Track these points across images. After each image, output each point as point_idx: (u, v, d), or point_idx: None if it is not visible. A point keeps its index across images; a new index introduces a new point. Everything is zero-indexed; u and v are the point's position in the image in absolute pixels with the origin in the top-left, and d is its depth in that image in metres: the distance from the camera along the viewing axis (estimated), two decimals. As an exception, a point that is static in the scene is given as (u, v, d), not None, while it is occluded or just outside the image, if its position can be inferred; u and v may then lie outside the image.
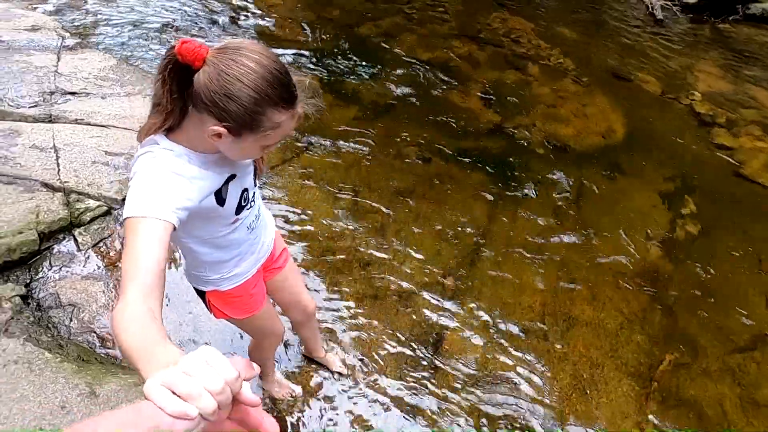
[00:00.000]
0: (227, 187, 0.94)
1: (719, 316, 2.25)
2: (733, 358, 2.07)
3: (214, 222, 0.98)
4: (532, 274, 2.31)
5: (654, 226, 2.69)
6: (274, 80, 0.77)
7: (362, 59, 3.85)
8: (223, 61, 0.75)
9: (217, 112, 0.77)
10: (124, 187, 2.36)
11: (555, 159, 3.11)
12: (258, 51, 0.78)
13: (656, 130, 3.49)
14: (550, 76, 3.97)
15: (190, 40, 0.76)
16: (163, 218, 0.74)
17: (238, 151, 0.85)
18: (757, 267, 2.52)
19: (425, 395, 1.79)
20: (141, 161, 0.82)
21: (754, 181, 3.12)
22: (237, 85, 0.75)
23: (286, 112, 0.80)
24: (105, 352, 1.71)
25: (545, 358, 1.97)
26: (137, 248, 0.70)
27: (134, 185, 0.78)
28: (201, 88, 0.76)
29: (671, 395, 1.91)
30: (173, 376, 0.45)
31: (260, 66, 0.76)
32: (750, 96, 4.01)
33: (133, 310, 0.62)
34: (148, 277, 0.66)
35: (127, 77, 3.22)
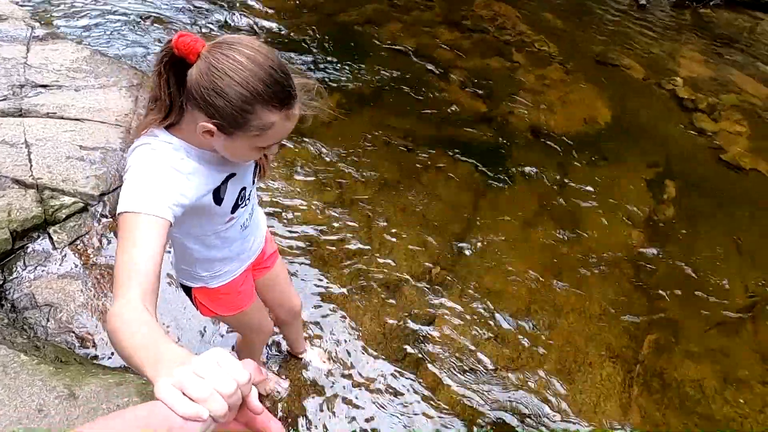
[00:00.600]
0: (226, 185, 0.91)
1: (700, 299, 2.30)
2: (713, 340, 2.12)
3: (209, 219, 0.95)
4: (517, 262, 2.32)
5: (637, 212, 2.72)
6: (267, 77, 0.73)
7: (345, 47, 3.79)
8: (214, 56, 0.73)
9: (206, 108, 0.74)
10: (100, 182, 2.30)
11: (540, 146, 3.11)
12: (253, 47, 0.74)
13: (639, 116, 3.51)
14: (535, 63, 3.96)
15: (187, 33, 0.74)
16: (159, 215, 0.71)
17: (232, 151, 0.82)
18: (736, 250, 2.58)
19: (413, 384, 1.79)
20: (138, 153, 0.79)
21: (734, 165, 3.17)
22: (225, 80, 0.72)
23: (278, 112, 0.76)
24: (84, 353, 1.67)
25: (531, 345, 1.99)
26: (134, 246, 0.67)
27: (130, 178, 0.75)
28: (192, 83, 0.74)
29: (654, 377, 1.95)
30: (184, 377, 0.44)
31: (252, 62, 0.73)
32: (730, 80, 4.06)
33: (133, 312, 0.59)
34: (145, 278, 0.65)
35: (101, 69, 3.11)
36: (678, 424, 1.81)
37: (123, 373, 1.56)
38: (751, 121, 3.57)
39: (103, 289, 1.90)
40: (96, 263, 1.98)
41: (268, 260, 1.28)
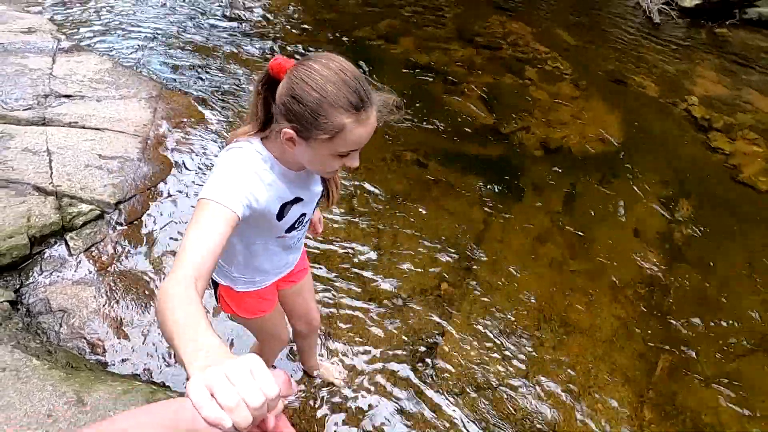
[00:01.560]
0: (291, 206, 0.98)
1: (715, 322, 2.24)
2: (728, 365, 2.06)
3: (265, 230, 1.01)
4: (527, 279, 2.30)
5: (650, 232, 2.68)
6: (339, 82, 0.79)
7: (359, 62, 3.85)
8: (296, 68, 0.81)
9: (287, 114, 0.82)
10: (117, 191, 2.35)
11: (552, 163, 3.10)
12: (330, 57, 0.81)
13: (653, 135, 3.48)
14: (547, 80, 3.97)
15: (281, 56, 0.83)
16: (232, 208, 0.77)
17: (312, 157, 0.86)
18: (753, 273, 2.51)
19: (420, 401, 1.77)
20: (230, 152, 0.87)
21: (750, 185, 3.12)
22: (301, 85, 0.79)
23: (348, 114, 0.80)
24: (95, 359, 1.69)
25: (540, 365, 1.95)
26: (202, 228, 0.73)
27: (217, 171, 0.83)
28: (278, 96, 0.83)
29: (666, 401, 1.90)
30: (216, 380, 0.44)
31: (327, 68, 0.79)
32: (746, 100, 4.01)
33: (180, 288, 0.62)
34: (204, 260, 0.68)
35: (122, 80, 3.21)
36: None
37: (131, 380, 1.58)
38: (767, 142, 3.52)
39: (115, 296, 1.92)
40: (109, 270, 2.01)
41: (296, 275, 1.31)
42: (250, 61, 3.65)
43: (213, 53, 3.69)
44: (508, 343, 2.01)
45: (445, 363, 1.90)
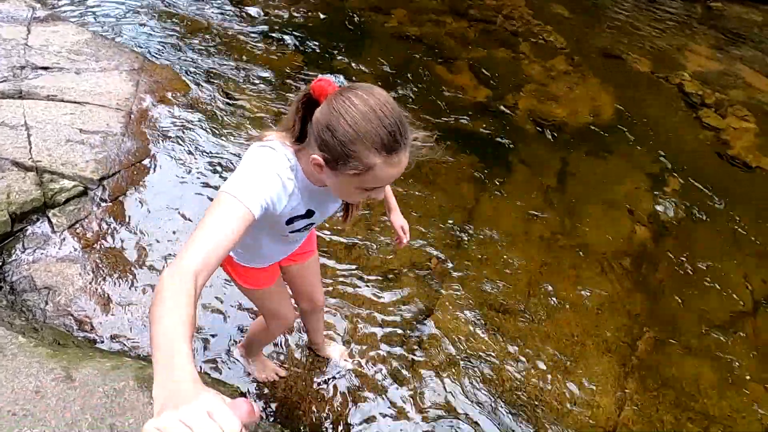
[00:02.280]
0: (302, 219, 1.01)
1: (699, 295, 2.29)
2: (712, 338, 2.11)
3: (270, 226, 1.02)
4: (517, 254, 2.31)
5: (639, 207, 2.70)
6: (377, 122, 0.78)
7: (349, 34, 3.74)
8: (336, 97, 0.81)
9: (319, 142, 0.82)
10: (100, 166, 2.29)
11: (544, 139, 3.08)
12: (372, 93, 0.80)
13: (645, 110, 3.47)
14: (541, 54, 3.91)
15: (325, 78, 0.83)
16: (251, 208, 0.78)
17: (337, 186, 0.88)
18: (738, 248, 2.56)
19: (411, 373, 1.80)
20: (260, 149, 0.88)
21: (739, 162, 3.14)
22: (338, 118, 0.79)
23: (380, 155, 0.80)
24: (83, 336, 1.68)
25: (529, 337, 1.99)
26: (218, 222, 0.74)
27: (245, 166, 0.84)
28: (315, 119, 0.83)
29: (649, 372, 1.95)
30: (171, 424, 0.44)
31: (367, 105, 0.78)
32: (738, 76, 4.00)
33: (178, 285, 0.62)
34: (211, 253, 0.69)
35: (102, 52, 3.08)
36: (672, 419, 1.81)
37: (120, 356, 1.57)
38: (758, 118, 3.52)
39: (102, 273, 1.90)
40: (95, 248, 1.98)
41: (300, 255, 1.32)
42: (236, 38, 3.53)
43: (199, 27, 3.55)
44: (498, 317, 2.04)
45: (435, 337, 1.92)
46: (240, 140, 2.66)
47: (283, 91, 3.06)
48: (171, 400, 0.49)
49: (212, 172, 2.42)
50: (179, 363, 0.53)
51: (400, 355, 1.85)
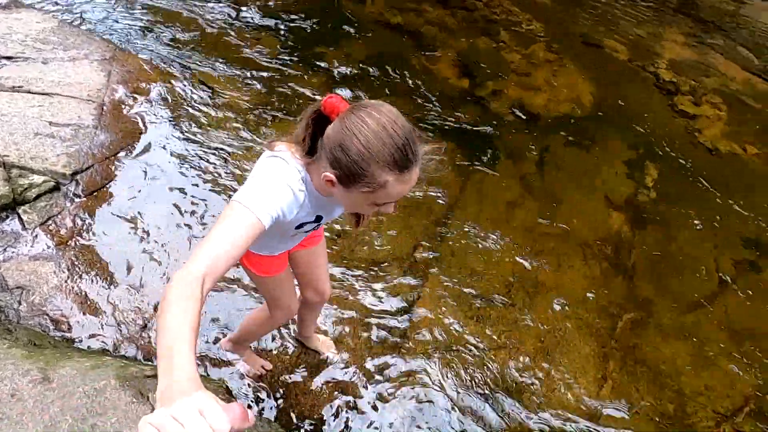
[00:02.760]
0: (310, 224, 1.05)
1: (674, 277, 2.36)
2: (686, 318, 2.19)
3: (278, 230, 1.03)
4: (500, 243, 2.34)
5: (617, 194, 2.76)
6: (389, 141, 0.81)
7: (329, 23, 3.67)
8: (348, 116, 0.83)
9: (332, 160, 0.84)
10: (72, 160, 2.21)
11: (525, 127, 3.11)
12: (384, 112, 0.82)
13: (623, 98, 3.53)
14: (521, 43, 3.92)
15: (336, 95, 0.86)
16: (262, 219, 0.80)
17: (348, 201, 0.91)
18: (711, 232, 2.65)
19: (397, 363, 1.81)
20: (272, 160, 0.90)
21: (711, 148, 3.23)
22: (351, 137, 0.81)
23: (393, 173, 0.83)
24: (60, 335, 1.63)
25: (513, 324, 2.02)
26: (228, 230, 0.76)
27: (257, 176, 0.87)
28: (327, 137, 0.85)
29: (628, 354, 2.02)
30: (164, 420, 0.45)
31: (379, 125, 0.81)
32: (712, 64, 4.10)
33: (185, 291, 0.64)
34: (220, 259, 0.71)
35: (70, 40, 2.95)
36: (651, 398, 1.88)
37: (100, 356, 1.54)
38: (730, 105, 3.63)
39: (77, 271, 1.84)
40: (69, 245, 1.92)
41: (308, 240, 1.33)
42: (211, 26, 3.43)
43: (172, 14, 3.43)
44: (482, 305, 2.07)
45: (420, 326, 1.94)
46: (216, 129, 2.60)
47: (260, 79, 3.00)
48: (166, 398, 0.51)
49: (189, 166, 2.37)
50: (179, 363, 0.55)
51: (387, 345, 1.86)
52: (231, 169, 2.39)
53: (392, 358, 1.83)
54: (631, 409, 1.84)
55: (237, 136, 2.59)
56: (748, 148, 3.28)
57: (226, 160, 2.43)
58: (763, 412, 1.89)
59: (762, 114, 3.61)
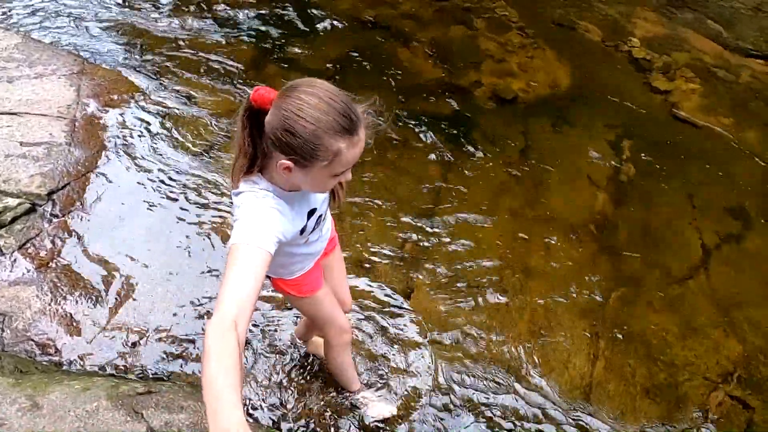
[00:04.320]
0: (309, 221, 1.05)
1: (659, 252, 2.40)
2: (673, 291, 2.23)
3: (291, 245, 1.06)
4: (487, 229, 2.36)
5: (599, 174, 2.79)
6: (330, 109, 0.82)
7: (303, 21, 3.63)
8: (283, 100, 0.82)
9: (282, 147, 0.84)
10: (47, 180, 2.15)
11: (504, 114, 3.12)
12: (317, 85, 0.83)
13: (599, 78, 3.56)
14: (495, 30, 3.92)
15: (262, 87, 0.85)
16: (266, 248, 0.83)
17: (311, 182, 0.91)
18: (690, 204, 2.70)
19: (394, 354, 1.81)
20: (244, 198, 0.91)
21: (688, 122, 3.28)
22: (294, 118, 0.81)
23: (343, 139, 0.84)
24: (47, 360, 1.60)
25: (505, 309, 2.04)
26: (241, 270, 0.78)
27: (241, 218, 0.88)
28: (268, 128, 0.84)
29: (618, 330, 2.05)
30: None
31: (315, 97, 0.81)
32: (683, 39, 4.15)
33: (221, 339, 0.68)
34: (244, 298, 0.75)
35: (36, 56, 2.87)
36: (643, 371, 1.92)
37: (90, 377, 1.51)
38: (702, 78, 3.68)
39: (61, 292, 1.80)
40: (50, 266, 1.87)
41: (329, 242, 1.32)
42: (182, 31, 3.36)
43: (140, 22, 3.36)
44: (473, 293, 2.08)
45: (414, 318, 1.95)
46: (194, 139, 2.55)
47: (235, 84, 2.95)
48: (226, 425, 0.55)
49: (168, 177, 2.33)
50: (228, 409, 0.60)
51: (382, 339, 1.86)
52: (210, 179, 2.35)
53: (388, 352, 1.83)
54: (624, 384, 1.87)
55: (215, 143, 2.56)
56: (722, 119, 3.34)
57: (203, 171, 2.39)
58: (751, 376, 1.95)
59: (734, 85, 3.68)
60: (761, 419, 1.81)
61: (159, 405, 1.34)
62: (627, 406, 1.81)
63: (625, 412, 1.79)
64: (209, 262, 1.99)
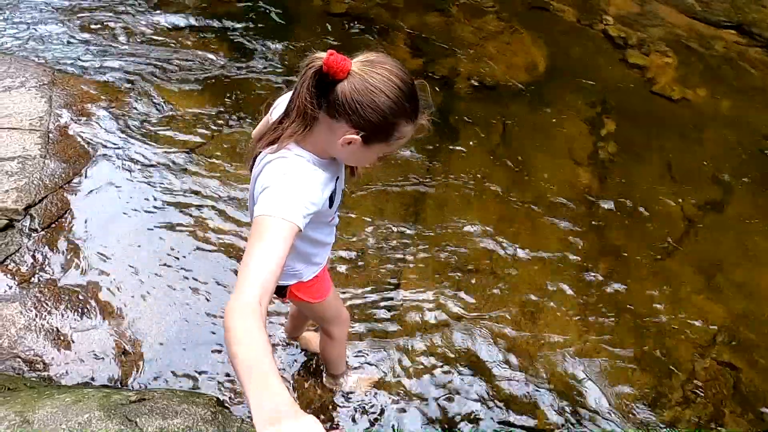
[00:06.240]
0: (336, 188, 1.00)
1: (643, 226, 2.44)
2: (658, 262, 2.27)
3: (319, 223, 1.04)
4: (474, 214, 2.37)
5: (580, 152, 2.82)
6: (410, 94, 0.83)
7: (275, 19, 3.58)
8: (368, 73, 0.80)
9: (356, 121, 0.82)
10: (23, 194, 2.10)
11: (484, 99, 3.12)
12: (396, 66, 0.83)
13: (576, 58, 3.58)
14: (470, 15, 3.91)
15: (335, 52, 0.81)
16: (294, 221, 0.78)
17: (360, 157, 0.90)
18: (669, 173, 2.74)
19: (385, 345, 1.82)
20: (276, 165, 0.86)
21: (665, 95, 3.33)
22: (380, 95, 0.80)
23: (412, 123, 0.86)
24: (36, 375, 1.58)
25: (495, 292, 2.06)
26: (266, 244, 0.74)
27: (270, 186, 0.82)
28: (346, 98, 0.80)
29: (607, 304, 2.08)
30: None
31: (400, 80, 0.82)
32: (656, 14, 4.19)
33: (245, 316, 0.64)
34: (267, 276, 0.70)
35: (3, 69, 2.79)
36: (632, 342, 1.96)
37: (81, 389, 1.49)
38: (677, 52, 3.73)
39: (46, 307, 1.77)
40: (33, 282, 1.84)
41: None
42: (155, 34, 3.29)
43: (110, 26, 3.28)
44: (463, 278, 2.09)
45: (405, 308, 1.95)
46: (174, 144, 2.52)
47: (212, 87, 2.91)
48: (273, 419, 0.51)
49: (148, 184, 2.29)
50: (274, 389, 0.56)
51: (374, 329, 1.87)
52: (189, 185, 2.32)
53: (381, 340, 1.84)
54: (616, 357, 1.90)
55: (193, 149, 2.52)
56: (698, 90, 3.39)
57: (183, 175, 2.36)
58: (735, 338, 2.00)
59: (706, 57, 3.73)
60: (747, 378, 1.86)
61: (153, 411, 1.33)
62: (619, 378, 1.84)
63: (616, 383, 1.83)
64: (195, 267, 1.97)
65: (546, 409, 1.73)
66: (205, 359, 1.70)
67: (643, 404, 1.78)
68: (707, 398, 1.81)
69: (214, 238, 2.07)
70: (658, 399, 1.80)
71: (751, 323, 2.05)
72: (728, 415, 1.77)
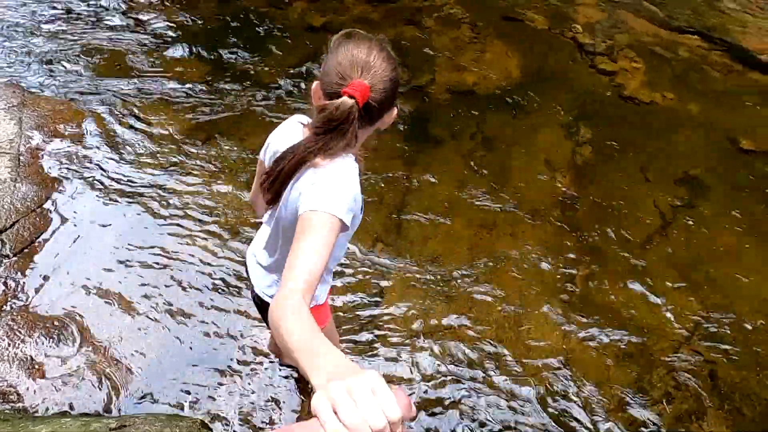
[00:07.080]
0: None
1: (619, 226, 2.50)
2: (633, 260, 2.33)
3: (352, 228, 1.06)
4: (455, 222, 2.39)
5: (558, 158, 2.88)
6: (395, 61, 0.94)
7: (252, 34, 3.59)
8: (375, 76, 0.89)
9: (390, 102, 0.93)
10: None
11: (461, 108, 3.18)
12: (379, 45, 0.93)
13: (549, 66, 3.68)
14: (446, 27, 3.99)
15: (352, 82, 0.86)
16: (342, 218, 0.83)
17: (365, 137, 0.99)
18: (643, 175, 2.82)
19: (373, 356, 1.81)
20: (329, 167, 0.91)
21: (634, 99, 3.44)
22: (392, 74, 0.90)
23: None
24: (9, 407, 1.51)
25: (479, 298, 2.07)
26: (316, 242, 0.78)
27: (318, 182, 0.87)
28: (378, 101, 0.89)
29: (588, 305, 2.12)
30: (339, 395, 0.45)
31: (392, 60, 0.92)
32: (622, 22, 4.35)
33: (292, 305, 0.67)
34: (313, 272, 0.74)
35: (-29, 91, 2.72)
36: (613, 341, 1.99)
37: (59, 418, 1.44)
38: (644, 57, 3.87)
39: (18, 336, 1.71)
40: (5, 309, 1.78)
41: None
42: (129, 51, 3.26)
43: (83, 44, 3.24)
44: (446, 287, 2.10)
45: (389, 319, 1.95)
46: (150, 163, 2.48)
47: (188, 102, 2.89)
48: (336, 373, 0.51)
49: (122, 204, 2.25)
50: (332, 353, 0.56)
51: (359, 340, 1.86)
52: (168, 204, 2.29)
53: (367, 350, 1.83)
54: (598, 357, 1.93)
55: (170, 167, 2.49)
56: (666, 94, 3.51)
57: (160, 194, 2.33)
58: (711, 332, 2.05)
59: (672, 62, 3.88)
60: (723, 371, 1.91)
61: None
62: (602, 376, 1.87)
63: (600, 382, 1.85)
64: (173, 289, 1.93)
65: (532, 413, 1.74)
66: (188, 381, 1.66)
67: (629, 400, 1.81)
68: (689, 393, 1.85)
69: (192, 258, 2.04)
70: (641, 395, 1.83)
71: (727, 319, 2.11)
72: (709, 410, 1.81)
